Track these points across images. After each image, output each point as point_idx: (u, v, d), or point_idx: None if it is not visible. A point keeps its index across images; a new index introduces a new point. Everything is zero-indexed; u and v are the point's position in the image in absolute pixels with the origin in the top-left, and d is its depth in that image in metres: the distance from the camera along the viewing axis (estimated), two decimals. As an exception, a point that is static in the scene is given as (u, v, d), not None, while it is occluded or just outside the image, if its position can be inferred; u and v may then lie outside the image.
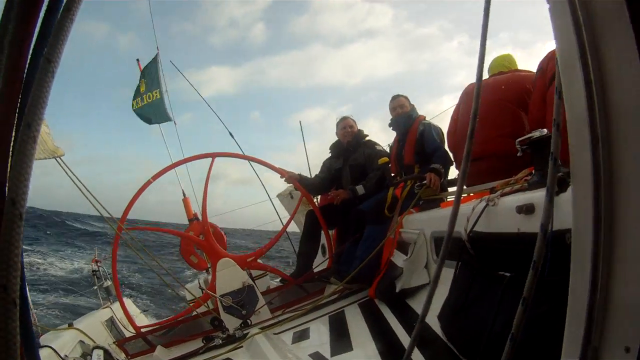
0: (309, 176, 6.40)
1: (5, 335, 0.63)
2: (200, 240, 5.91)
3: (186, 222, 6.78)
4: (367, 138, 5.93)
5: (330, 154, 6.16)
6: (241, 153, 6.67)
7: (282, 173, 6.14)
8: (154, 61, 8.96)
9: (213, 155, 5.94)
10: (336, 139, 6.09)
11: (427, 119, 5.21)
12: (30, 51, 0.91)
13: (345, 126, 5.91)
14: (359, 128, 5.99)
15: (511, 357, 1.34)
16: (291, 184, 6.55)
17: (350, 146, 5.83)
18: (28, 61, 0.92)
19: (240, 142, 6.06)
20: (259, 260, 5.97)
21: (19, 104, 0.92)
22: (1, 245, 0.65)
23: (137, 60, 9.05)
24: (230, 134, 8.07)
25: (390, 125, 5.34)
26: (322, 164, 6.21)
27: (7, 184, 0.70)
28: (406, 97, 5.31)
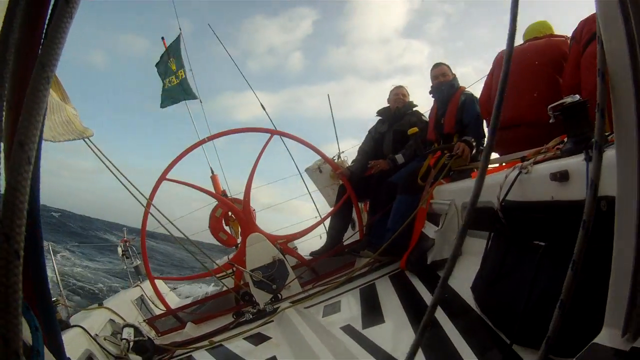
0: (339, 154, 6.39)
1: (5, 290, 0.59)
2: (237, 208, 5.93)
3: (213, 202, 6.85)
4: (415, 108, 5.88)
5: (377, 118, 6.10)
6: (274, 128, 6.60)
7: (335, 167, 6.28)
8: (177, 42, 8.98)
9: (272, 132, 5.93)
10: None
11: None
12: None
13: (398, 93, 5.87)
14: (410, 99, 5.93)
15: (560, 324, 1.29)
16: (320, 159, 6.51)
17: (399, 112, 5.77)
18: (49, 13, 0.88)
19: (274, 167, 6.11)
20: (288, 245, 5.98)
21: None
22: (6, 190, 0.61)
23: (162, 38, 9.05)
24: (262, 106, 8.06)
25: (431, 92, 5.26)
26: (367, 132, 6.16)
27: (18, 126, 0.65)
28: (448, 66, 5.22)
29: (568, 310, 1.29)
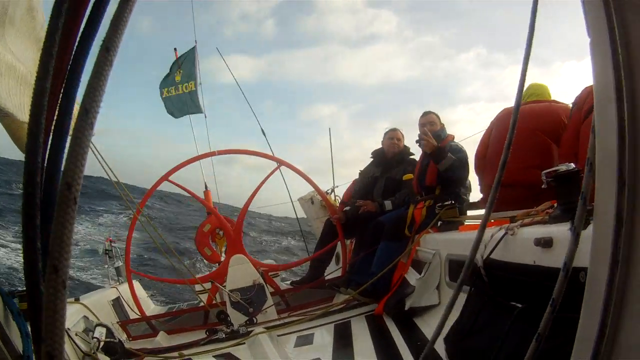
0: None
1: (53, 315, 0.64)
2: (229, 227, 5.97)
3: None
4: (411, 157, 5.78)
5: (371, 159, 6.03)
6: (271, 154, 6.67)
7: (332, 212, 6.20)
8: (192, 53, 9.13)
9: (280, 163, 6.01)
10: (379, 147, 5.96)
11: (455, 139, 5.06)
12: (78, 38, 0.97)
13: (393, 137, 5.78)
14: (405, 144, 5.85)
15: None
16: (313, 191, 6.55)
17: (394, 160, 5.73)
18: (74, 49, 0.97)
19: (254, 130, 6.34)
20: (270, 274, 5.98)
21: (62, 90, 1.00)
22: (55, 228, 0.66)
23: (175, 49, 9.25)
24: (263, 131, 8.18)
25: (417, 142, 4.98)
26: (359, 175, 6.13)
27: (62, 168, 0.71)
28: (437, 115, 5.18)
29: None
